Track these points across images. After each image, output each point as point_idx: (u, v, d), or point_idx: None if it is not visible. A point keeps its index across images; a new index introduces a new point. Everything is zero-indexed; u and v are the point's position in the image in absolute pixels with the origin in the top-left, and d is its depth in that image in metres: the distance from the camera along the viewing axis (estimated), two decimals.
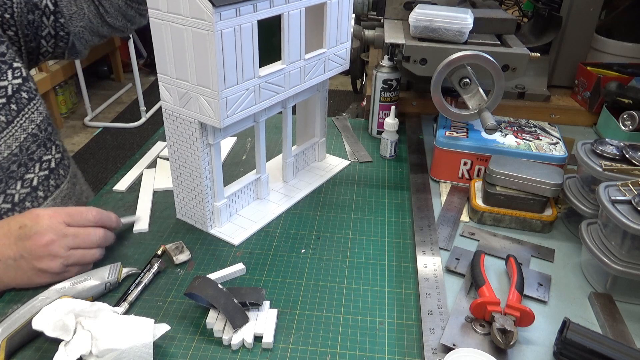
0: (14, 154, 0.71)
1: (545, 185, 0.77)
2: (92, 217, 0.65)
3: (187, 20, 0.62)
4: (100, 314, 0.57)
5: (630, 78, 1.05)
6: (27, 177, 0.73)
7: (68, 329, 0.55)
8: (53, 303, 0.58)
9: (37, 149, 0.74)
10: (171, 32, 0.65)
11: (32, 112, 0.73)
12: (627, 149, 0.75)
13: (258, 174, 0.85)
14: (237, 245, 0.77)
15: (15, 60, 0.71)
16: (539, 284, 0.69)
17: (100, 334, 0.55)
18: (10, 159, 0.70)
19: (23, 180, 0.72)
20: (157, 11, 0.65)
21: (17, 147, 0.71)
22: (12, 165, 0.71)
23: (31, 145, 0.73)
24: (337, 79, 3.68)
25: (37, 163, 0.75)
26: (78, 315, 0.57)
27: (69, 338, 0.55)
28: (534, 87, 1.15)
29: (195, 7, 0.60)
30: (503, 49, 0.89)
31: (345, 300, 0.67)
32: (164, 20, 0.65)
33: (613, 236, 0.66)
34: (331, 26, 0.81)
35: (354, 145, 1.06)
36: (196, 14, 0.61)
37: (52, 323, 0.56)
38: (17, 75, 0.71)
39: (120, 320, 0.57)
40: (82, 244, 0.64)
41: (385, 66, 1.02)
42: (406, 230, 0.81)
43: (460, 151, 0.88)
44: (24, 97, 0.72)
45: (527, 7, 1.41)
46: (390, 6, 1.07)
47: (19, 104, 0.71)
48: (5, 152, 0.69)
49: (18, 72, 0.71)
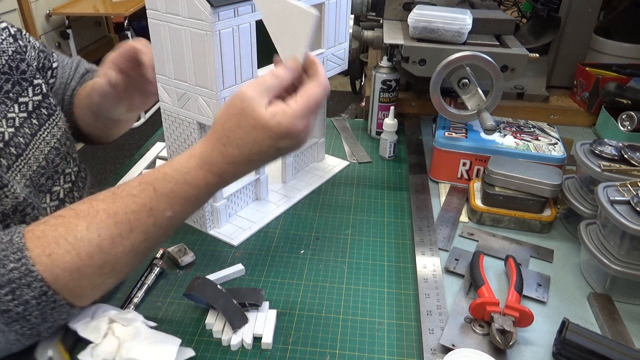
0: (41, 167, 0.72)
1: (544, 186, 0.77)
2: (287, 75, 0.56)
3: (185, 20, 0.62)
4: (132, 323, 0.57)
5: (628, 79, 1.05)
6: (54, 189, 0.74)
7: (99, 332, 0.56)
8: (93, 306, 0.59)
9: (60, 161, 0.76)
10: (169, 32, 0.65)
11: (52, 127, 0.75)
12: (626, 150, 0.75)
13: (257, 174, 0.85)
14: (236, 245, 0.77)
15: (35, 77, 0.74)
16: (538, 284, 0.69)
17: (127, 343, 0.55)
18: (39, 172, 0.72)
19: (51, 193, 0.74)
20: (155, 12, 0.65)
21: (43, 160, 0.72)
22: (42, 179, 0.72)
23: (55, 158, 0.75)
24: (336, 80, 3.68)
25: (61, 176, 0.76)
26: (111, 321, 0.57)
27: (98, 341, 0.55)
28: (532, 87, 1.15)
29: (193, 8, 0.60)
30: (502, 50, 0.90)
31: (344, 300, 0.67)
32: (162, 21, 0.65)
33: (612, 236, 0.66)
34: (329, 26, 0.81)
35: (353, 146, 1.06)
36: (194, 15, 0.61)
37: (85, 324, 0.56)
38: (37, 92, 0.73)
39: (149, 334, 0.57)
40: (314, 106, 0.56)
41: (384, 67, 1.02)
42: (405, 230, 0.81)
43: (459, 152, 0.88)
44: (44, 113, 0.74)
45: (526, 8, 1.41)
46: (389, 7, 1.07)
47: (40, 119, 0.73)
48: (34, 165, 0.71)
49: (38, 89, 0.73)
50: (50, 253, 0.50)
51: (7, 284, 0.49)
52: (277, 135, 0.53)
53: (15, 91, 0.70)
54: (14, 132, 0.68)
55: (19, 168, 0.68)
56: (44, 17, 3.16)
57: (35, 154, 0.71)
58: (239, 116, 0.53)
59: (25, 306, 0.50)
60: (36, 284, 0.50)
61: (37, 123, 0.73)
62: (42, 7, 3.13)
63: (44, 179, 0.73)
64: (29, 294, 0.50)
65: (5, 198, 0.63)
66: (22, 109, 0.71)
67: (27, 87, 0.72)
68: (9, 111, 0.69)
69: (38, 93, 0.74)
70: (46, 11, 3.16)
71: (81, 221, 0.52)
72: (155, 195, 0.54)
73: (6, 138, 0.67)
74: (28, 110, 0.72)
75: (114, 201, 0.54)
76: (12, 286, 0.49)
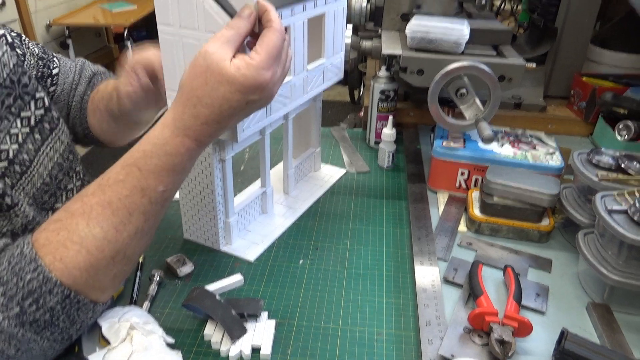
0: (45, 184, 0.71)
1: (542, 195, 0.77)
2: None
3: (203, 35, 0.60)
4: (150, 335, 0.58)
5: (625, 88, 1.06)
6: (56, 206, 0.73)
7: (118, 335, 0.56)
8: (127, 307, 0.60)
9: (62, 177, 0.75)
10: (184, 49, 0.63)
11: (55, 141, 0.74)
12: (623, 159, 0.76)
13: (263, 187, 0.84)
14: (252, 261, 0.76)
15: (37, 90, 0.72)
16: (536, 294, 0.69)
17: (137, 355, 0.55)
18: (42, 189, 0.70)
19: (53, 210, 0.72)
20: (167, 27, 0.63)
21: (47, 176, 0.71)
22: (45, 196, 0.71)
23: (58, 174, 0.73)
24: (335, 89, 3.69)
25: (63, 192, 0.75)
26: (132, 328, 0.57)
27: (114, 344, 0.56)
28: (530, 97, 1.16)
29: (211, 22, 0.59)
30: (499, 60, 0.90)
31: (343, 310, 0.67)
32: (175, 37, 0.63)
33: (610, 246, 0.66)
34: (328, 37, 0.82)
35: (352, 156, 1.06)
36: (213, 28, 0.59)
37: (111, 324, 0.57)
38: (39, 106, 0.72)
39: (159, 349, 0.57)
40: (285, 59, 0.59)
41: (382, 77, 1.02)
42: (404, 240, 0.81)
43: (458, 161, 0.89)
44: (47, 127, 0.72)
45: (523, 18, 1.42)
46: (387, 17, 1.08)
47: (43, 134, 0.72)
48: (38, 182, 0.69)
49: (40, 103, 0.72)
50: (61, 257, 0.51)
51: (29, 295, 0.50)
52: (245, 88, 0.53)
53: (17, 105, 0.68)
54: (17, 148, 0.67)
55: (22, 186, 0.67)
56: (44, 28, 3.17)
57: (39, 170, 0.70)
58: (205, 74, 0.54)
59: (52, 312, 0.51)
60: (57, 289, 0.50)
61: (40, 138, 0.71)
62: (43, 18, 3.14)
63: (47, 196, 0.71)
64: (52, 300, 0.50)
65: (15, 217, 0.62)
66: (24, 124, 0.69)
67: (29, 100, 0.70)
68: (12, 127, 0.67)
69: (40, 107, 0.72)
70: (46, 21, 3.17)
71: (79, 219, 0.52)
72: (141, 174, 0.54)
73: (10, 156, 0.65)
74: (30, 125, 0.70)
75: (103, 192, 0.54)
76: (34, 296, 0.50)
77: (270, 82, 0.55)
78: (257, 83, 0.54)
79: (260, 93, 0.55)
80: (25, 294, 0.49)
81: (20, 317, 0.49)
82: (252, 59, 0.53)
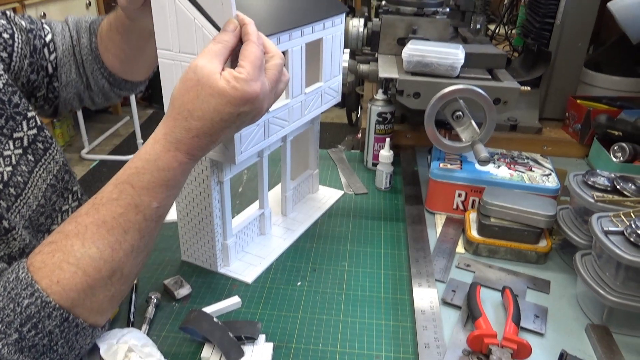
0: (41, 205, 0.70)
1: (538, 217, 0.78)
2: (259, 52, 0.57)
3: None
4: (147, 358, 0.57)
5: (619, 111, 1.07)
6: (52, 228, 0.72)
7: (116, 357, 0.56)
8: (125, 329, 0.59)
9: (57, 199, 0.74)
10: (182, 72, 0.64)
11: (49, 162, 0.72)
12: (618, 181, 0.76)
13: (261, 209, 0.85)
14: (250, 283, 0.76)
15: (28, 109, 0.70)
16: (535, 315, 0.69)
17: None
18: (38, 211, 0.69)
19: (49, 232, 0.71)
20: (167, 52, 0.64)
21: (42, 197, 0.70)
22: (41, 218, 0.70)
23: (52, 196, 0.72)
24: (332, 112, 3.72)
25: (59, 214, 0.74)
26: (130, 350, 0.57)
27: None
28: (525, 119, 1.17)
29: None
30: (494, 83, 0.92)
31: (341, 333, 0.67)
32: (175, 61, 0.64)
33: (607, 267, 0.66)
34: (326, 60, 0.83)
35: (350, 177, 1.07)
36: None
37: (109, 345, 0.57)
38: (32, 126, 0.70)
39: None
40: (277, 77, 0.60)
41: (379, 99, 1.04)
42: (402, 262, 0.81)
43: (455, 183, 0.89)
44: (40, 147, 0.71)
45: (517, 43, 1.45)
46: (384, 42, 1.10)
47: (36, 154, 0.71)
48: (33, 204, 0.68)
49: (33, 122, 0.70)
50: (58, 280, 0.50)
51: (27, 320, 0.49)
52: (236, 100, 0.54)
53: (9, 127, 0.67)
54: (11, 170, 0.66)
55: (18, 209, 0.66)
56: None
57: (34, 192, 0.69)
58: (195, 87, 0.54)
59: (50, 337, 0.50)
60: (55, 312, 0.50)
61: (34, 159, 0.70)
62: None
63: (43, 218, 0.70)
64: (51, 324, 0.50)
65: (13, 241, 0.62)
66: (17, 145, 0.68)
67: (21, 121, 0.69)
68: (5, 149, 0.66)
69: (33, 126, 0.70)
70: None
71: (74, 240, 0.52)
72: (135, 191, 0.54)
73: (5, 178, 0.64)
74: (23, 146, 0.69)
75: (97, 211, 0.54)
76: (33, 321, 0.49)
77: (261, 93, 0.56)
78: (247, 95, 0.54)
79: (251, 105, 0.56)
80: (23, 319, 0.49)
81: (19, 343, 0.49)
82: (240, 73, 0.54)
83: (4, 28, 0.72)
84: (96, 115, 3.89)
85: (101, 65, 0.83)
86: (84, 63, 0.82)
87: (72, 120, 3.48)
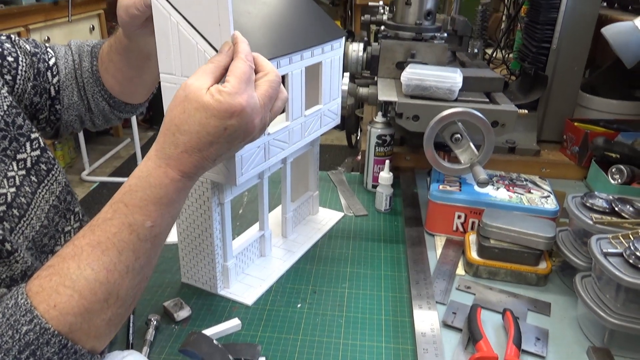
0: (44, 227, 0.70)
1: (538, 238, 0.78)
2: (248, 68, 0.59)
3: None
4: None
5: (616, 133, 1.08)
6: (56, 249, 0.72)
7: None
8: (126, 351, 0.59)
9: (59, 220, 0.74)
10: None
11: (52, 183, 0.73)
12: (617, 202, 0.77)
13: (261, 230, 0.85)
14: (250, 305, 0.76)
15: (32, 131, 0.71)
16: (536, 338, 0.69)
17: None
18: (42, 232, 0.69)
19: (53, 253, 0.71)
20: (170, 76, 0.66)
21: (45, 218, 0.70)
22: (44, 239, 0.70)
23: (54, 217, 0.73)
24: (332, 134, 3.75)
25: (61, 235, 0.74)
26: None
27: None
28: (524, 142, 1.18)
29: None
30: (492, 106, 0.93)
31: (341, 356, 0.66)
32: (177, 84, 0.65)
33: (607, 289, 0.66)
34: (325, 83, 0.85)
35: (350, 199, 1.07)
36: None
37: None
38: (35, 147, 0.71)
39: None
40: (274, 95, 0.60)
41: (379, 122, 1.05)
42: (402, 284, 0.81)
43: (454, 204, 0.90)
44: (43, 168, 0.72)
45: (514, 66, 1.47)
46: (383, 66, 1.12)
47: (39, 175, 0.71)
48: (37, 225, 0.69)
49: (36, 144, 0.71)
50: (55, 304, 0.50)
51: (25, 347, 0.48)
52: (220, 113, 0.55)
53: (13, 148, 0.67)
54: (15, 192, 0.66)
55: (21, 230, 0.66)
56: None
57: (37, 213, 0.69)
58: (183, 103, 0.55)
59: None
60: (54, 339, 0.49)
61: (37, 180, 0.70)
62: None
63: (47, 238, 0.70)
64: (49, 351, 0.49)
65: (15, 263, 0.61)
66: (20, 167, 0.68)
67: (24, 142, 0.69)
68: (9, 170, 0.66)
69: (36, 148, 0.71)
70: None
71: (70, 263, 0.52)
72: (128, 210, 0.54)
73: (9, 199, 0.65)
74: (27, 167, 0.69)
75: (93, 232, 0.54)
76: (31, 348, 0.49)
77: (247, 107, 0.56)
78: (232, 108, 0.55)
79: (238, 118, 0.56)
80: (22, 346, 0.48)
81: None
82: (224, 87, 0.55)
83: (9, 51, 0.73)
84: (97, 137, 3.91)
85: (101, 88, 0.84)
86: (85, 86, 0.83)
87: (74, 142, 3.50)
